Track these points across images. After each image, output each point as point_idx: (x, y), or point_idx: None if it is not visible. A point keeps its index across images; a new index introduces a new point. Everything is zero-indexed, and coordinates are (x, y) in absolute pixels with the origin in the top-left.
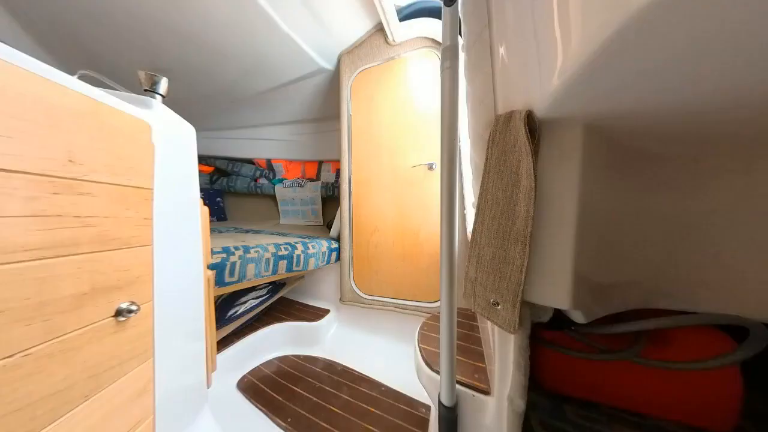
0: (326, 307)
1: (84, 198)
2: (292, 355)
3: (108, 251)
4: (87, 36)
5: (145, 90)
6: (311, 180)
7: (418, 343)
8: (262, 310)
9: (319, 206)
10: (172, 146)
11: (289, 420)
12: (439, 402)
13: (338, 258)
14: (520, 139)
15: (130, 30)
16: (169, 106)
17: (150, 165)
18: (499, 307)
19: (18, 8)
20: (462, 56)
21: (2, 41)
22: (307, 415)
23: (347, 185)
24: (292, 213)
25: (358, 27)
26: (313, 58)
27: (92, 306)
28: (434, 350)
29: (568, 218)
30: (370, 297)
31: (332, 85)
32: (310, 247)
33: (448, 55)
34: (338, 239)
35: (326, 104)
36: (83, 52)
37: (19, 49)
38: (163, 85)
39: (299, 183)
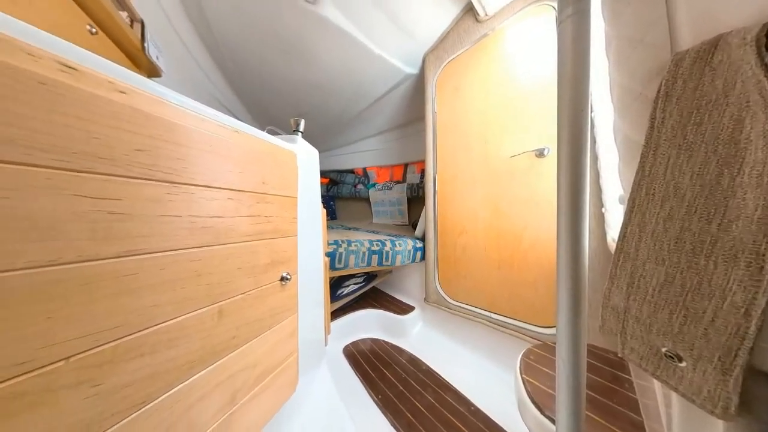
0: (412, 304)
1: (268, 205)
2: (382, 340)
3: (277, 238)
4: (267, 103)
5: (293, 130)
6: (398, 182)
7: (521, 374)
8: (359, 295)
9: (404, 206)
10: (307, 167)
11: (379, 397)
12: None
13: (423, 257)
14: (747, 79)
15: (286, 93)
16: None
17: (295, 181)
18: (684, 364)
19: (242, 96)
20: None
21: (237, 117)
22: (394, 399)
23: (432, 185)
24: (382, 213)
25: (442, 18)
26: (400, 68)
27: (271, 272)
28: (545, 390)
29: None
30: (457, 303)
31: (417, 88)
32: (397, 245)
33: None
34: (423, 239)
35: (411, 108)
36: (265, 112)
37: (241, 119)
38: (302, 125)
39: (388, 186)
